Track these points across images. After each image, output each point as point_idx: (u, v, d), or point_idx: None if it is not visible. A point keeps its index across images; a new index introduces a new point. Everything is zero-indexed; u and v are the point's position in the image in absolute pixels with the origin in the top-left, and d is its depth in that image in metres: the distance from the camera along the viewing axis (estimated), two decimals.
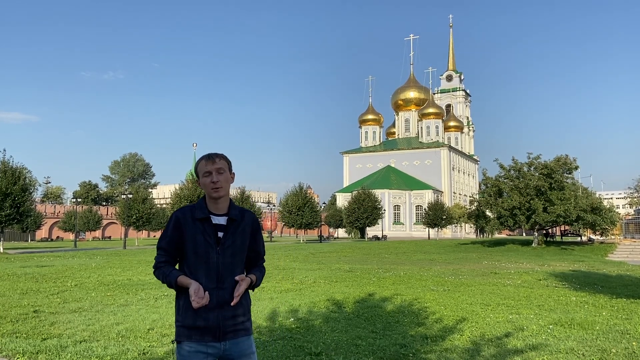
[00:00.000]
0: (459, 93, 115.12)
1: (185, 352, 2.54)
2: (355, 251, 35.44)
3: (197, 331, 2.53)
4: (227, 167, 2.66)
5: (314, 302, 10.04)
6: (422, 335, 6.97)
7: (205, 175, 2.62)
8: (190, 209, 2.64)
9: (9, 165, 33.12)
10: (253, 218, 2.76)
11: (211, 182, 2.60)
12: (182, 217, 2.62)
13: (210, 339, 2.53)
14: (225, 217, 2.65)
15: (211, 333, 2.53)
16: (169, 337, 6.83)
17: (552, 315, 8.79)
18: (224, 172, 2.63)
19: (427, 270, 19.13)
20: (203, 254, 2.56)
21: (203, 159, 2.65)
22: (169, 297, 10.92)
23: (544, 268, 20.64)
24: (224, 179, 2.62)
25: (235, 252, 2.63)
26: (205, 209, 2.64)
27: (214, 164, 2.62)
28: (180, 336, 2.56)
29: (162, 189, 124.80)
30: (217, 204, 2.65)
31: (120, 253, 32.38)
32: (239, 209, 2.71)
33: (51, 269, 18.66)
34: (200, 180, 2.65)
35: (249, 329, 2.66)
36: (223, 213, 2.66)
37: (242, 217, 2.70)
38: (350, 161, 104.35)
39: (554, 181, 38.27)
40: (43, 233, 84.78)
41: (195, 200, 48.06)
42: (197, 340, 2.53)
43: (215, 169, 2.61)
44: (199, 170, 2.66)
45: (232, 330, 2.58)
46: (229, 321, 2.56)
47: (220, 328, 2.54)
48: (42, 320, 8.15)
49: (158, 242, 2.67)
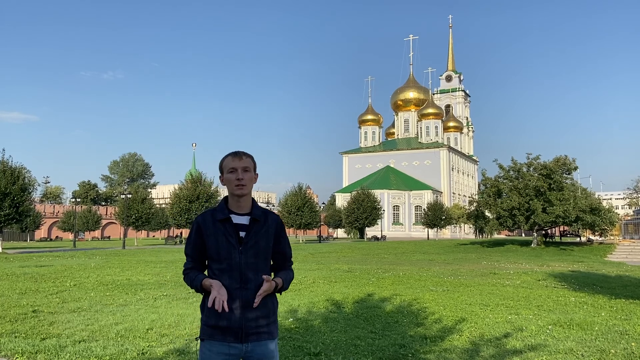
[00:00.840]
0: (458, 93, 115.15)
1: (207, 350, 2.55)
2: (355, 251, 35.44)
3: (219, 331, 2.53)
4: (252, 167, 2.65)
5: (313, 302, 10.04)
6: (421, 336, 6.98)
7: (230, 171, 2.61)
8: (211, 212, 2.66)
9: (8, 165, 33.09)
10: (277, 219, 2.73)
11: (236, 179, 2.59)
12: (203, 221, 2.63)
13: (232, 339, 2.53)
14: (248, 217, 2.63)
15: (233, 334, 2.53)
16: (168, 337, 6.83)
17: (551, 315, 8.79)
18: (249, 170, 2.63)
19: (426, 270, 19.13)
20: (226, 255, 2.56)
21: (230, 155, 2.65)
22: (168, 297, 10.93)
23: (543, 268, 20.66)
24: (248, 178, 2.62)
25: (259, 252, 2.60)
26: (226, 209, 2.63)
27: (240, 161, 2.61)
28: (204, 335, 2.58)
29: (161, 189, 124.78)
30: (239, 202, 2.64)
31: (120, 253, 32.36)
32: (262, 210, 2.70)
33: (50, 268, 18.64)
34: (224, 176, 2.64)
35: (273, 333, 2.63)
36: (245, 212, 2.64)
37: (266, 218, 2.67)
38: (349, 161, 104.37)
39: (553, 182, 38.29)
40: (42, 233, 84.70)
41: (193, 200, 48.08)
42: (220, 340, 2.53)
43: (242, 166, 2.60)
44: (224, 166, 2.65)
45: (255, 332, 2.55)
46: (251, 323, 2.54)
47: (242, 329, 2.53)
48: (41, 320, 8.14)
49: (185, 249, 2.70)
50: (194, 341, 6.49)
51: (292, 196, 58.91)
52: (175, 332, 7.14)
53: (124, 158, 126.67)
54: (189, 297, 10.85)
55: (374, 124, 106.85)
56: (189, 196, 48.40)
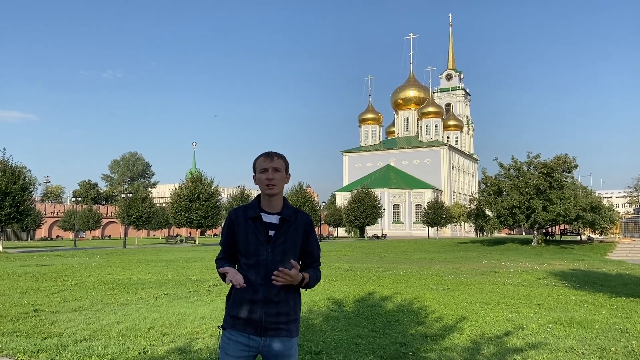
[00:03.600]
0: (458, 92, 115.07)
1: (227, 339, 2.63)
2: (355, 250, 35.44)
3: (241, 322, 2.61)
4: (284, 167, 2.71)
5: (314, 301, 10.06)
6: (422, 334, 6.98)
7: (261, 171, 2.67)
8: (244, 209, 2.73)
9: (8, 165, 33.10)
10: (307, 219, 2.77)
11: (266, 179, 2.65)
12: (235, 217, 2.71)
13: (252, 331, 2.60)
14: (278, 216, 2.69)
15: (253, 326, 2.59)
16: (169, 336, 6.84)
17: (552, 314, 8.80)
18: (280, 171, 2.68)
19: (426, 269, 19.14)
20: (254, 251, 2.63)
21: (262, 155, 2.71)
22: (169, 296, 10.95)
23: (543, 267, 20.66)
24: (279, 178, 2.67)
25: (286, 251, 2.65)
26: (258, 207, 2.69)
27: (272, 161, 2.67)
28: (226, 324, 2.66)
29: (161, 188, 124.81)
30: (270, 202, 2.69)
31: (120, 252, 32.38)
32: (292, 209, 2.74)
33: (51, 268, 18.65)
34: (256, 176, 2.70)
35: (293, 332, 2.67)
36: (276, 212, 2.70)
37: (296, 217, 2.72)
38: (349, 160, 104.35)
39: (553, 180, 38.28)
40: (43, 232, 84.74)
41: (194, 199, 48.08)
42: (240, 330, 2.61)
43: (273, 167, 2.66)
44: (256, 166, 2.71)
45: (274, 328, 2.61)
46: (271, 318, 2.60)
47: (262, 323, 2.59)
48: (43, 319, 8.15)
49: (220, 241, 2.84)
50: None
51: (292, 195, 58.85)
52: (176, 331, 7.15)
53: (124, 157, 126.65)
54: (189, 296, 10.87)
55: (374, 122, 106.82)
56: (190, 195, 48.35)
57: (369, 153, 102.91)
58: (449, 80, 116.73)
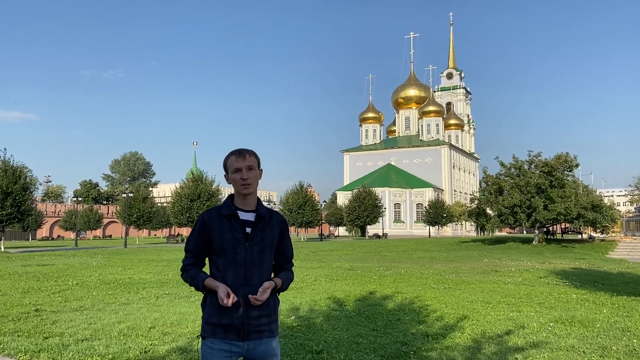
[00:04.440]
0: (459, 91, 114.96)
1: (209, 348, 2.56)
2: (356, 249, 35.44)
3: (221, 328, 2.54)
4: (256, 164, 2.68)
5: (315, 300, 10.05)
6: (423, 333, 6.98)
7: (235, 171, 2.63)
8: (217, 209, 2.68)
9: (9, 165, 33.16)
10: (282, 219, 2.76)
11: (241, 178, 2.61)
12: (208, 217, 2.64)
13: (234, 337, 2.54)
14: (254, 214, 2.66)
15: (235, 331, 2.54)
16: (170, 336, 6.85)
17: (553, 312, 8.80)
18: (254, 169, 2.65)
19: (427, 268, 19.14)
20: (231, 250, 2.58)
21: (234, 154, 2.66)
22: (170, 295, 10.95)
23: (544, 266, 20.65)
24: (253, 176, 2.64)
25: (264, 249, 2.63)
26: (232, 206, 2.66)
27: (244, 160, 2.63)
28: (205, 332, 2.59)
29: (162, 188, 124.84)
30: (245, 200, 2.66)
31: (121, 252, 32.40)
32: (266, 209, 2.72)
33: (52, 267, 18.68)
34: (229, 175, 2.66)
35: (274, 331, 2.65)
36: (251, 209, 2.67)
37: (270, 216, 2.70)
38: (350, 159, 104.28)
39: (554, 179, 38.24)
40: (44, 232, 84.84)
41: (195, 199, 48.12)
42: (221, 337, 2.54)
43: (246, 166, 2.62)
44: (228, 165, 2.67)
45: (257, 330, 2.57)
46: (253, 321, 2.56)
47: (244, 327, 2.54)
48: (44, 319, 8.16)
49: (185, 245, 2.70)
50: (195, 339, 6.50)
51: (294, 194, 58.88)
52: (177, 331, 7.16)
53: (125, 157, 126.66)
54: (191, 295, 10.87)
55: (374, 121, 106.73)
56: (190, 195, 48.39)
57: (369, 152, 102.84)
58: (450, 79, 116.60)
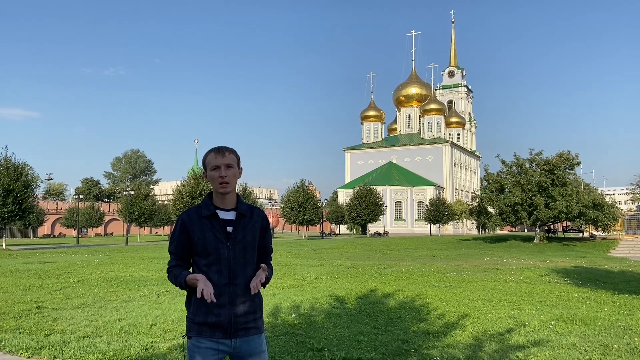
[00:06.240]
0: (460, 89, 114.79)
1: (196, 347, 2.52)
2: (357, 247, 35.45)
3: (207, 327, 2.52)
4: (236, 162, 2.62)
5: (316, 298, 10.06)
6: (424, 331, 6.98)
7: (213, 169, 2.58)
8: (196, 209, 2.62)
9: (11, 162, 33.19)
10: (262, 215, 2.72)
11: (219, 176, 2.56)
12: (188, 218, 2.59)
13: (221, 335, 2.52)
14: (234, 212, 2.62)
15: (222, 330, 2.52)
16: (171, 333, 6.85)
17: (554, 311, 8.79)
18: (233, 167, 2.60)
19: (428, 266, 19.14)
20: (213, 251, 2.53)
21: (212, 151, 2.61)
22: (171, 293, 10.95)
23: (545, 264, 20.64)
24: (232, 174, 2.58)
25: (247, 247, 2.59)
26: (211, 205, 2.61)
27: (223, 157, 2.57)
28: (191, 332, 2.55)
29: (163, 186, 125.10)
30: (224, 198, 2.62)
31: (123, 249, 32.45)
32: (247, 205, 2.68)
33: (54, 265, 18.70)
34: (207, 173, 2.61)
35: (260, 328, 2.64)
36: (231, 208, 2.63)
37: (251, 212, 2.66)
38: (351, 157, 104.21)
39: (555, 177, 38.20)
40: (45, 229, 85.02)
41: (196, 197, 48.11)
42: (208, 336, 2.52)
43: (225, 163, 2.57)
44: (207, 162, 2.61)
45: (244, 327, 2.56)
46: (240, 318, 2.54)
47: (231, 325, 2.52)
48: (45, 316, 8.18)
49: (168, 247, 2.66)
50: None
51: (295, 192, 58.87)
52: (178, 328, 7.16)
53: (126, 155, 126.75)
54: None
55: (376, 120, 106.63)
56: (192, 192, 48.40)
57: (370, 150, 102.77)
58: (451, 77, 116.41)
